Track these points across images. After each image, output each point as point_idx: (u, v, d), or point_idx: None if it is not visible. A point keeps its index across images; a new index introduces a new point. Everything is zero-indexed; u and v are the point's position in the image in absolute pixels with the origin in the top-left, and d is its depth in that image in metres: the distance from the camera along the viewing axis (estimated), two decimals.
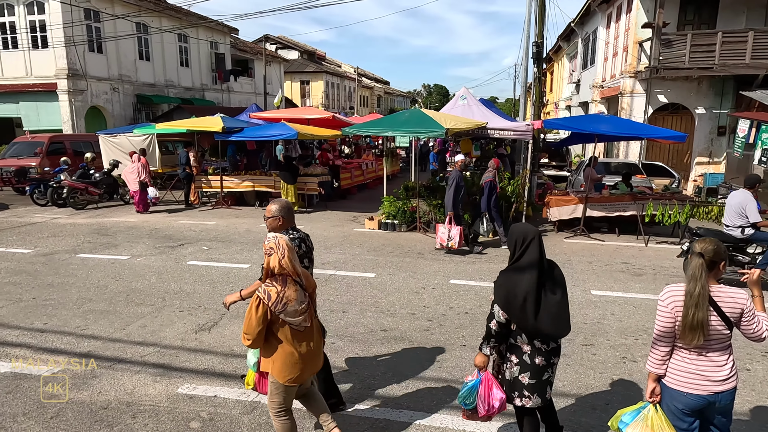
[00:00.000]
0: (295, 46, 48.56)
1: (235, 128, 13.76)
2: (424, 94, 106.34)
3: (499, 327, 3.12)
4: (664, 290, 2.80)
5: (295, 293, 3.07)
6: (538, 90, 12.98)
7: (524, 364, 3.14)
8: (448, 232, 8.99)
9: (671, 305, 2.73)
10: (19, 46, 20.51)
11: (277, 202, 3.71)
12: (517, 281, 3.05)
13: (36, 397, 4.23)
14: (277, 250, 3.04)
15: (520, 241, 3.14)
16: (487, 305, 6.39)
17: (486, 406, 3.18)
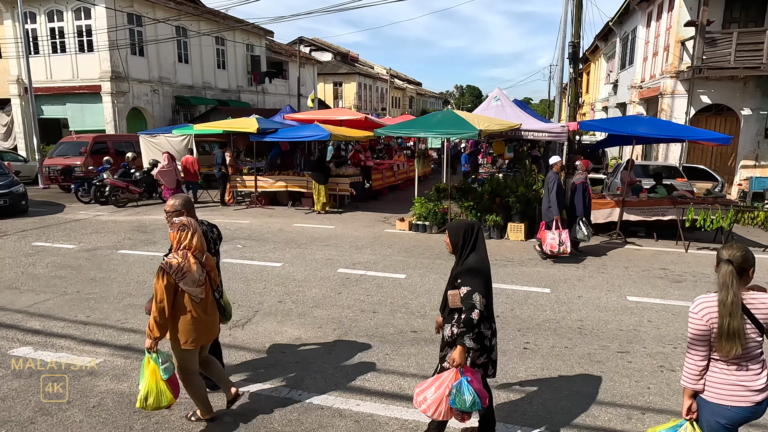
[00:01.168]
0: (328, 48, 49.07)
1: (269, 129, 14.01)
2: (456, 96, 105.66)
3: (480, 316, 3.17)
4: (696, 301, 2.68)
5: (194, 266, 3.53)
6: (573, 91, 12.72)
7: (484, 347, 3.33)
8: (558, 237, 8.45)
9: (705, 317, 2.61)
10: (66, 50, 21.43)
11: (178, 197, 4.06)
12: (485, 267, 3.27)
13: (80, 386, 4.42)
14: (190, 226, 3.55)
15: (470, 232, 3.33)
16: (519, 308, 6.33)
17: (486, 394, 3.31)
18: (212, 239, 4.12)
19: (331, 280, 7.58)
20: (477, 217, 10.65)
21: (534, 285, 7.39)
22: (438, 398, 3.24)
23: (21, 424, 3.87)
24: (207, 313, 3.68)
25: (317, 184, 13.15)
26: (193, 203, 4.25)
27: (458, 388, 3.17)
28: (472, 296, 3.16)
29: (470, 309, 3.16)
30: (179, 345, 3.61)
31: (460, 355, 3.19)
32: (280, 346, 5.27)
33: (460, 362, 3.19)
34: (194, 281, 3.53)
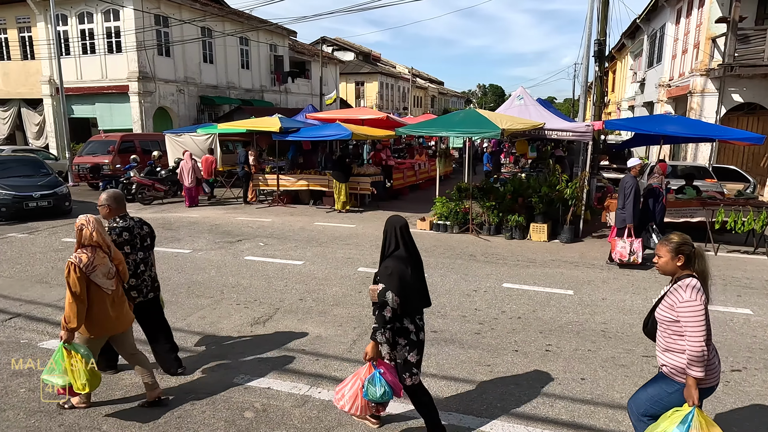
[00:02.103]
0: (350, 47, 49.22)
1: (291, 128, 14.11)
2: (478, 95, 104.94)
3: (392, 313, 3.29)
4: (692, 294, 2.84)
5: (103, 260, 3.81)
6: (599, 89, 12.47)
7: (412, 342, 3.42)
8: (629, 246, 8.08)
9: (702, 298, 2.83)
10: (96, 51, 21.97)
11: (107, 192, 4.40)
12: (403, 267, 3.35)
13: (106, 378, 4.51)
14: (87, 225, 3.79)
15: (397, 230, 3.46)
16: (541, 310, 6.25)
17: (400, 385, 3.47)
18: (141, 235, 4.41)
19: (351, 278, 7.59)
20: (499, 217, 10.56)
21: (557, 286, 7.28)
22: (354, 394, 3.44)
23: (50, 415, 3.97)
24: (116, 304, 3.93)
25: (338, 183, 13.20)
26: (124, 199, 4.53)
27: (371, 380, 3.37)
28: (386, 294, 3.27)
29: (382, 306, 3.28)
30: (87, 335, 3.85)
31: (372, 349, 3.38)
32: (300, 344, 5.30)
33: (372, 356, 3.39)
34: (105, 274, 3.81)
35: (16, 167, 12.95)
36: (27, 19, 22.93)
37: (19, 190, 11.92)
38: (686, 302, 2.83)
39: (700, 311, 2.79)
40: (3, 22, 23.56)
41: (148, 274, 4.53)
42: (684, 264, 2.97)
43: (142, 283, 4.45)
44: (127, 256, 4.27)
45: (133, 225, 4.37)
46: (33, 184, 12.37)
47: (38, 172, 13.10)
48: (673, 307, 2.90)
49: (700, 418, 2.79)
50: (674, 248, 2.97)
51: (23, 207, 11.84)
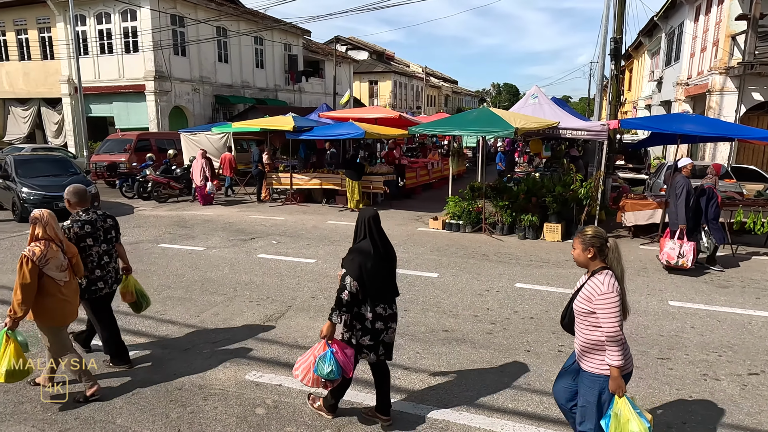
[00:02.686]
0: (364, 46, 49.25)
1: (305, 127, 14.17)
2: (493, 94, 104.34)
3: (350, 297, 3.51)
4: (606, 283, 2.91)
5: (56, 253, 3.96)
6: (615, 88, 12.32)
7: (366, 329, 3.63)
8: (678, 248, 7.69)
9: (615, 287, 2.91)
10: (113, 51, 22.28)
11: (72, 187, 4.58)
12: (366, 256, 3.56)
13: (119, 374, 4.57)
14: (41, 219, 3.95)
15: (366, 221, 3.64)
16: (555, 310, 6.19)
17: (351, 366, 3.63)
18: (104, 228, 4.57)
19: None
20: (512, 217, 10.49)
21: (570, 287, 7.20)
22: (307, 367, 3.63)
23: (66, 407, 4.04)
24: (70, 295, 4.11)
25: (351, 182, 13.22)
26: (87, 194, 4.68)
27: (322, 357, 3.54)
28: (345, 279, 3.52)
29: (341, 289, 3.52)
30: (47, 324, 4.05)
31: (327, 329, 3.56)
32: (311, 341, 5.31)
33: (326, 334, 3.56)
34: (57, 267, 3.97)
35: (43, 166, 12.80)
36: (47, 19, 23.34)
37: (48, 190, 11.71)
38: (603, 295, 2.90)
39: (616, 303, 2.89)
40: (24, 22, 24.00)
41: (112, 266, 4.67)
42: (594, 256, 3.03)
43: (107, 275, 4.59)
44: (90, 248, 4.43)
45: (95, 218, 4.53)
46: (62, 184, 12.23)
47: (66, 171, 12.96)
48: (590, 299, 2.96)
49: (624, 408, 2.91)
50: (585, 241, 3.04)
51: (53, 207, 11.71)
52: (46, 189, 11.76)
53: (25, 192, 11.67)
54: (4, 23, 24.34)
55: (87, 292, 4.46)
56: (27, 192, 11.68)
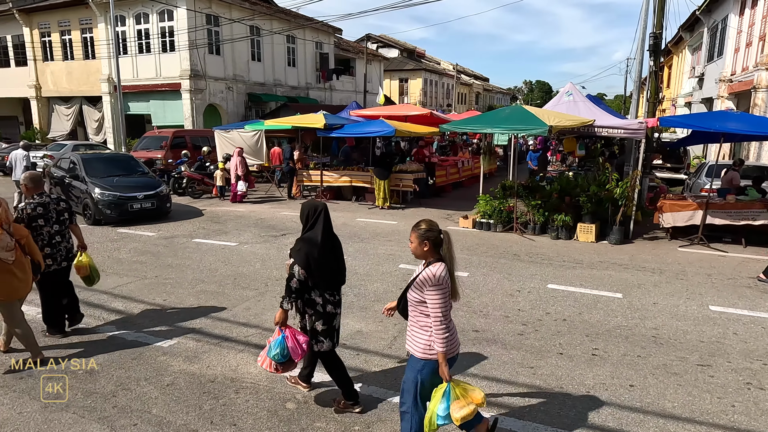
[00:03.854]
0: (395, 44, 49.18)
1: (336, 125, 14.24)
2: (525, 91, 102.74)
3: (299, 284, 3.73)
4: (437, 275, 3.08)
5: (2, 236, 4.34)
6: (653, 85, 11.93)
7: (318, 313, 3.83)
8: None
9: (444, 279, 3.10)
10: (151, 50, 22.88)
11: (26, 174, 5.12)
12: (312, 245, 3.75)
13: (156, 365, 4.70)
14: None
15: (312, 212, 3.86)
16: (588, 313, 6.06)
17: (300, 352, 3.84)
18: (57, 210, 5.11)
19: (392, 275, 7.59)
20: (544, 217, 10.30)
21: (605, 289, 7.03)
22: (264, 351, 3.89)
23: (104, 396, 4.17)
24: (19, 272, 4.49)
25: (379, 180, 13.23)
26: (41, 180, 5.24)
27: (274, 342, 3.80)
28: (293, 268, 3.73)
29: (290, 278, 3.73)
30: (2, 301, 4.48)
31: (279, 316, 3.82)
32: (341, 338, 5.33)
33: (278, 321, 3.82)
34: (3, 248, 4.35)
35: (112, 166, 12.19)
36: (89, 20, 24.14)
37: (121, 191, 11.16)
38: (433, 285, 3.09)
39: (444, 294, 3.10)
40: (67, 24, 24.90)
41: (64, 245, 5.20)
42: (430, 249, 3.20)
43: (57, 253, 5.11)
44: (41, 228, 4.98)
45: (48, 201, 5.06)
46: (134, 184, 11.62)
47: (134, 171, 12.44)
48: (422, 289, 3.13)
49: (457, 390, 3.12)
50: (420, 235, 3.22)
51: (128, 209, 11.11)
52: (120, 189, 11.18)
53: (99, 193, 11.03)
54: (50, 24, 25.29)
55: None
56: (100, 193, 11.04)
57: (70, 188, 11.77)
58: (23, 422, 3.82)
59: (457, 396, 3.10)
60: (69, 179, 11.88)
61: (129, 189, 11.35)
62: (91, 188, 11.16)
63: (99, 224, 10.97)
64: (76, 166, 11.93)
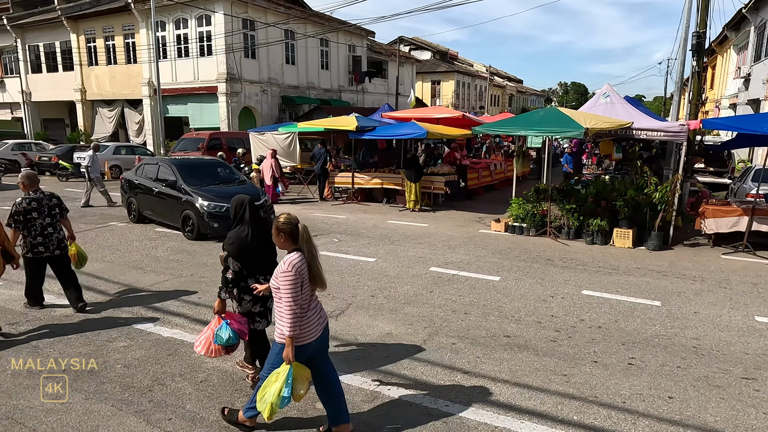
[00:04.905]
0: (428, 46, 49.09)
1: (367, 127, 14.31)
2: (559, 93, 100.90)
3: (234, 275, 4.05)
4: (288, 266, 3.31)
5: None
6: (696, 86, 11.51)
7: (256, 298, 4.14)
8: None
9: (297, 267, 3.31)
10: (189, 54, 23.52)
11: (25, 171, 5.96)
12: (243, 238, 4.06)
13: (190, 361, 4.81)
14: None
15: (239, 206, 4.17)
16: (624, 320, 5.89)
17: (246, 331, 4.15)
18: (49, 205, 5.80)
19: (423, 278, 7.56)
20: (579, 221, 10.07)
21: (642, 296, 6.82)
22: (206, 339, 4.09)
23: (141, 390, 4.30)
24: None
25: (410, 182, 13.21)
26: (36, 178, 5.94)
27: (219, 329, 4.04)
28: (228, 260, 4.05)
29: (225, 269, 4.06)
30: None
31: (218, 305, 4.08)
32: (370, 340, 5.35)
33: (217, 310, 4.08)
34: None
35: (207, 172, 10.90)
36: (131, 26, 25.01)
37: (229, 201, 10.66)
38: (283, 273, 3.32)
39: (291, 281, 3.28)
40: (111, 30, 25.86)
41: (56, 236, 5.87)
42: (287, 240, 3.43)
43: (49, 242, 5.80)
44: (35, 220, 5.69)
45: (42, 197, 5.78)
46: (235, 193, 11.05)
47: (231, 178, 11.22)
48: (277, 277, 3.37)
49: (298, 372, 3.39)
50: (277, 227, 3.46)
51: None
52: (226, 200, 9.57)
53: (204, 204, 9.64)
54: (95, 31, 26.33)
55: (30, 252, 5.75)
56: (206, 204, 9.64)
57: (157, 196, 10.59)
58: (65, 412, 3.97)
59: (299, 377, 3.39)
60: (160, 187, 10.51)
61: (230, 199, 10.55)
62: (193, 198, 9.79)
63: (204, 239, 9.74)
64: (171, 172, 10.51)
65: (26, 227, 5.68)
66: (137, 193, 11.31)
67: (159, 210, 10.83)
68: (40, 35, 28.05)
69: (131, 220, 11.48)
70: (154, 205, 10.88)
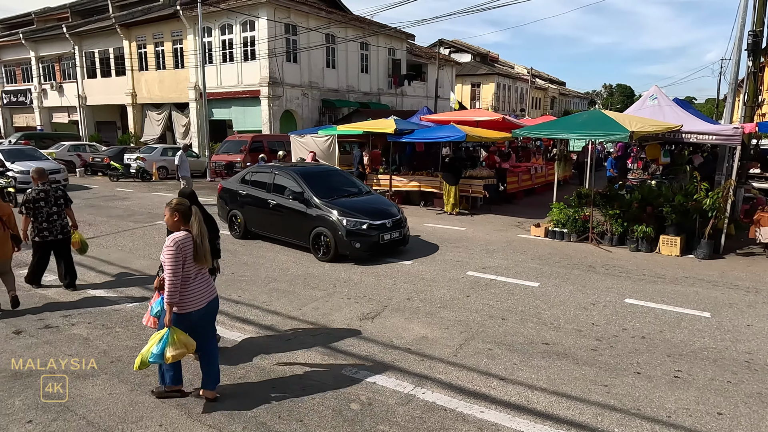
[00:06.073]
0: (468, 49, 48.73)
1: (406, 130, 14.31)
2: (604, 95, 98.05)
3: None
4: (170, 243, 3.75)
5: None
6: (752, 87, 10.95)
7: None
8: None
9: (179, 242, 3.76)
10: (234, 59, 24.19)
11: (33, 168, 6.86)
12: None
13: (229, 357, 4.93)
14: None
15: (185, 196, 4.48)
16: (671, 331, 5.68)
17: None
18: (55, 196, 6.63)
19: (459, 282, 7.50)
20: (623, 227, 9.75)
21: (690, 307, 6.53)
22: (147, 312, 4.47)
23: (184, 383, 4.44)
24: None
25: (448, 185, 13.12)
26: (45, 172, 6.85)
27: (156, 302, 4.34)
28: None
29: None
30: None
31: (156, 282, 4.28)
32: (406, 343, 5.35)
33: (156, 286, 4.29)
34: None
35: (329, 182, 9.49)
36: (179, 33, 25.95)
37: (372, 217, 8.52)
38: (165, 248, 3.77)
39: (172, 255, 3.73)
40: (161, 36, 26.90)
41: (59, 223, 6.71)
42: (180, 220, 3.88)
43: (53, 227, 6.64)
44: (42, 208, 6.53)
45: (49, 189, 6.66)
46: (371, 208, 8.87)
47: (358, 188, 9.78)
48: (163, 251, 3.80)
49: (175, 336, 3.81)
50: (171, 208, 3.91)
51: (379, 240, 8.47)
52: (368, 215, 8.53)
53: (344, 221, 8.31)
54: (145, 37, 27.46)
55: (37, 236, 6.59)
56: (347, 221, 8.32)
57: (274, 210, 9.18)
58: (113, 402, 4.15)
59: (174, 341, 3.78)
60: (281, 199, 9.08)
61: (372, 214, 8.60)
62: (328, 213, 8.48)
63: (344, 260, 8.45)
64: (291, 182, 9.14)
65: (34, 215, 6.53)
66: (243, 206, 9.81)
67: (277, 225, 9.33)
68: (96, 42, 29.51)
69: (234, 236, 9.97)
70: (269, 219, 9.39)
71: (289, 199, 8.97)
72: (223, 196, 10.47)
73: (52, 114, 33.51)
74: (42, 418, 3.92)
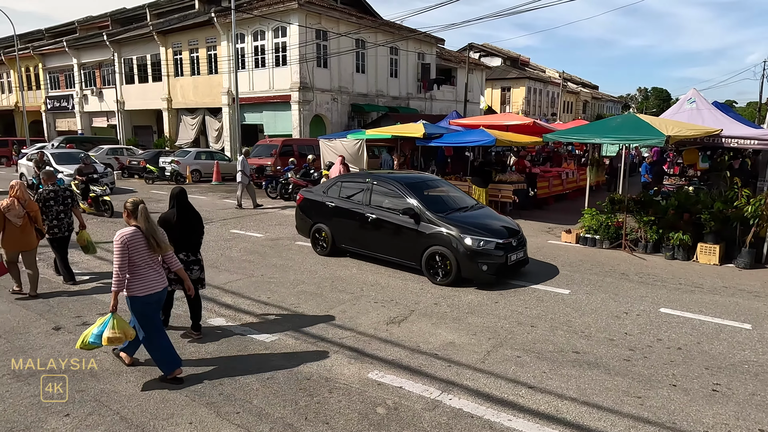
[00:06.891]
0: (498, 53, 48.34)
1: (435, 134, 14.28)
2: (639, 99, 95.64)
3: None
4: (118, 237, 4.28)
5: (17, 207, 6.48)
6: None
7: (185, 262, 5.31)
8: None
9: (126, 237, 4.28)
10: (265, 65, 24.62)
11: (43, 171, 7.66)
12: (170, 219, 5.26)
13: (258, 358, 5.00)
14: (15, 185, 6.58)
15: (173, 196, 5.38)
16: (708, 343, 5.50)
17: None
18: (63, 196, 7.25)
19: (487, 288, 7.40)
20: (658, 234, 9.48)
21: (729, 318, 6.29)
22: None
23: (213, 383, 4.52)
24: (23, 233, 6.59)
25: (477, 189, 13.01)
26: (54, 175, 7.61)
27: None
28: None
29: None
30: (7, 249, 6.59)
31: None
32: (433, 348, 5.32)
33: None
34: (15, 215, 6.48)
35: (435, 193, 8.47)
36: (214, 39, 26.58)
37: (496, 234, 7.47)
38: (115, 241, 4.28)
39: (118, 247, 4.25)
40: (196, 43, 27.61)
41: (66, 221, 7.28)
42: (129, 216, 4.45)
43: (61, 225, 7.23)
44: (52, 207, 7.10)
45: (58, 189, 7.30)
46: (489, 225, 7.76)
47: (466, 201, 8.67)
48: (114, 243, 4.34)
49: (115, 321, 4.29)
50: (125, 206, 4.49)
51: (506, 262, 7.42)
52: (492, 233, 7.48)
53: (469, 241, 7.23)
54: (181, 44, 28.23)
55: (49, 233, 7.12)
56: (472, 241, 7.23)
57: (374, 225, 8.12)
58: (144, 399, 4.25)
59: (113, 326, 4.24)
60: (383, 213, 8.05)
61: (496, 232, 7.55)
62: (447, 230, 7.39)
63: (468, 285, 7.43)
64: (396, 194, 8.09)
65: (46, 213, 7.09)
66: (331, 218, 8.87)
67: (377, 242, 8.26)
68: (134, 49, 30.51)
69: (319, 253, 9.10)
70: (366, 235, 8.36)
71: (399, 214, 7.83)
72: (303, 207, 9.42)
73: (92, 118, 34.77)
74: (78, 412, 4.05)
